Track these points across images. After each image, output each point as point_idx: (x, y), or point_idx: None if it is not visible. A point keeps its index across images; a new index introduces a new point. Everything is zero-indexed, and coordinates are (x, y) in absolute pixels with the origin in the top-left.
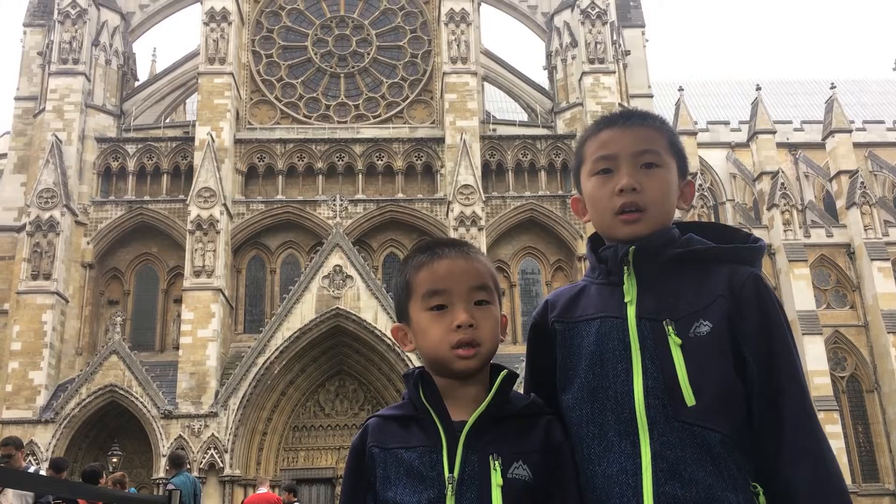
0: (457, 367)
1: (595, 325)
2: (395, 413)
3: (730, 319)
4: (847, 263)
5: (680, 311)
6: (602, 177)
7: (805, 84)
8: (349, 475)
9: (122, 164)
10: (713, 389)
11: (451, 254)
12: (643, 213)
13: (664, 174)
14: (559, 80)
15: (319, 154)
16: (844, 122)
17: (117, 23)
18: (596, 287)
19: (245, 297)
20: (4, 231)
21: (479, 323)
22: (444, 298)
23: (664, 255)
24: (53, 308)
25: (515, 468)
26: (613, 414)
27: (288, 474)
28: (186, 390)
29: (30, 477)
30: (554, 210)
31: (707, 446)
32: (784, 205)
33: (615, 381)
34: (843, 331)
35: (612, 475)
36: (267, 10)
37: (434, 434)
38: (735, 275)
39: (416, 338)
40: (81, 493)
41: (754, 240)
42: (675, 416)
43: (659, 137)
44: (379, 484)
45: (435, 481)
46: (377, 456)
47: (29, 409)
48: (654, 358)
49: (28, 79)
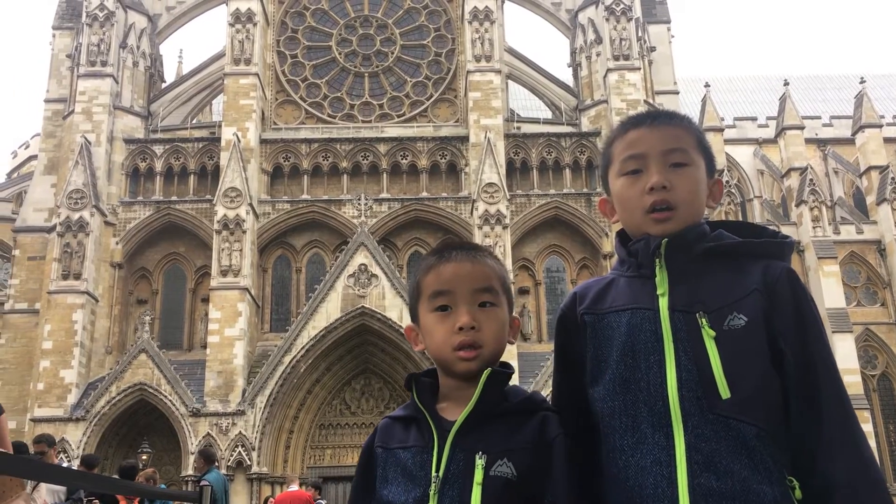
0: (458, 368)
1: (626, 317)
2: (400, 414)
3: (765, 313)
4: (878, 260)
5: (713, 303)
6: (631, 177)
7: (833, 79)
8: (357, 473)
9: (150, 165)
10: (749, 382)
11: (458, 257)
12: (674, 212)
13: (693, 172)
14: (584, 77)
15: (344, 153)
16: (874, 117)
17: (144, 25)
18: (626, 279)
19: (271, 296)
20: (35, 231)
21: (482, 325)
22: (448, 300)
23: (696, 249)
24: (84, 307)
25: (499, 465)
26: (646, 406)
27: (314, 472)
28: (214, 388)
29: (67, 472)
30: (579, 208)
31: (742, 439)
32: (813, 201)
33: (648, 373)
34: (873, 329)
35: (646, 466)
36: (291, 11)
37: (428, 434)
38: (769, 269)
39: (424, 338)
40: (118, 489)
41: (783, 236)
42: (710, 409)
43: (687, 136)
44: (378, 482)
45: (422, 480)
46: (379, 455)
47: (60, 407)
48: (687, 350)
49: (57, 81)
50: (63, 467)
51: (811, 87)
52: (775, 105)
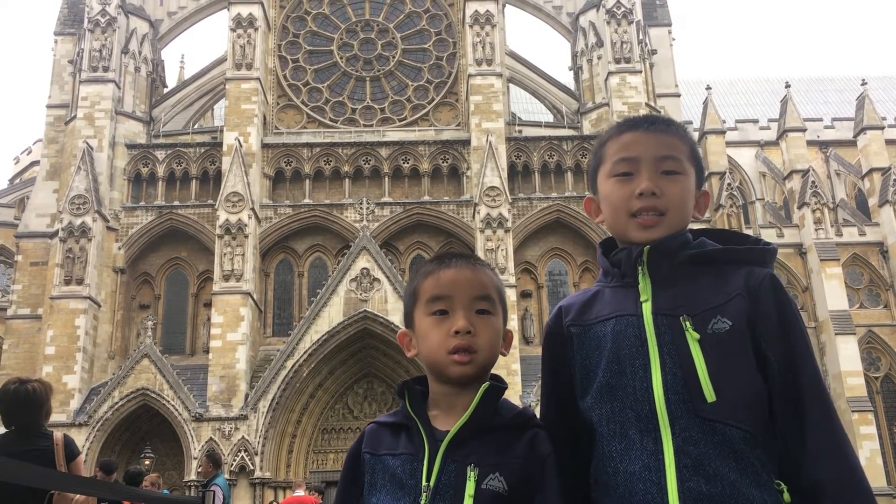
0: (452, 372)
1: (611, 325)
2: (389, 420)
3: (748, 318)
4: (880, 262)
5: (697, 307)
6: (621, 179)
7: (835, 81)
8: (343, 478)
9: (152, 170)
10: (734, 386)
11: (458, 264)
12: (662, 218)
13: (684, 181)
14: (585, 80)
15: (346, 157)
16: (876, 119)
17: (146, 30)
18: (610, 290)
19: (273, 301)
20: (38, 237)
21: (478, 331)
22: (446, 304)
23: (679, 256)
24: (86, 312)
25: (490, 479)
26: (633, 411)
27: (317, 476)
28: (217, 393)
29: (65, 478)
30: (581, 211)
31: (729, 443)
32: (815, 203)
33: (633, 378)
34: (876, 330)
35: (635, 472)
36: (293, 16)
37: (419, 442)
38: (752, 275)
39: (418, 343)
40: (122, 495)
41: (765, 243)
42: (696, 412)
43: (681, 145)
44: (366, 489)
45: (412, 489)
46: (367, 462)
47: (63, 412)
48: (672, 353)
49: (59, 87)
50: (61, 473)
51: (813, 89)
52: (777, 107)
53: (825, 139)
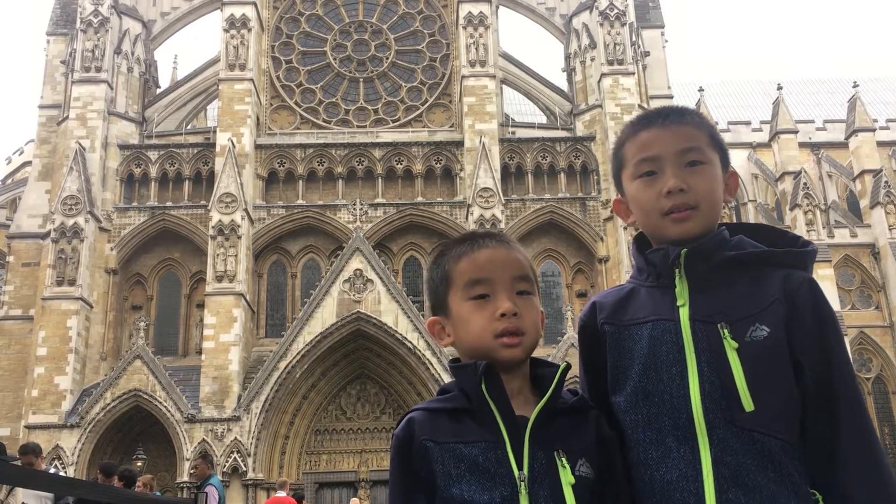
0: (502, 356)
1: (647, 329)
2: (442, 406)
3: (786, 324)
4: (872, 264)
5: (735, 314)
6: (646, 179)
7: (827, 83)
8: (399, 470)
9: (145, 171)
10: (773, 395)
11: (492, 243)
12: (694, 211)
13: (710, 170)
14: (578, 81)
15: (339, 159)
16: (867, 121)
17: (139, 31)
18: (646, 290)
19: (266, 302)
20: (30, 238)
21: (523, 312)
22: (487, 287)
23: (716, 258)
24: (78, 314)
25: (581, 465)
26: (670, 419)
27: (310, 478)
28: (209, 394)
29: (55, 479)
30: (574, 212)
31: (768, 453)
32: (807, 205)
33: (670, 385)
34: (868, 332)
35: (672, 481)
36: (286, 17)
37: (494, 429)
38: (790, 279)
39: (455, 330)
40: (111, 496)
41: (805, 243)
42: (733, 421)
43: (700, 133)
44: (440, 480)
45: (505, 479)
46: (432, 450)
47: (55, 413)
48: (710, 361)
49: (51, 87)
50: (51, 474)
51: (805, 91)
52: (769, 109)
53: (817, 141)
